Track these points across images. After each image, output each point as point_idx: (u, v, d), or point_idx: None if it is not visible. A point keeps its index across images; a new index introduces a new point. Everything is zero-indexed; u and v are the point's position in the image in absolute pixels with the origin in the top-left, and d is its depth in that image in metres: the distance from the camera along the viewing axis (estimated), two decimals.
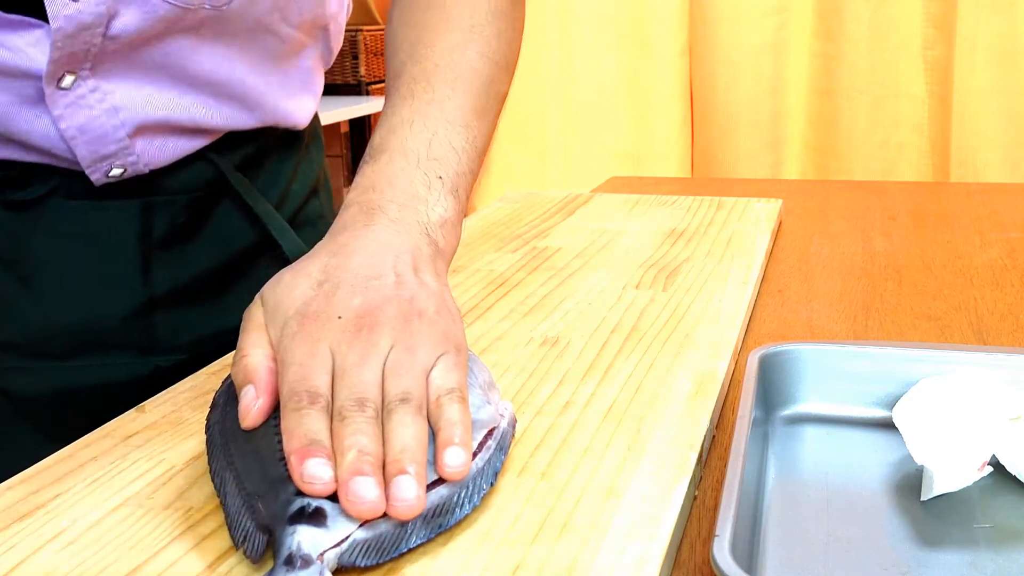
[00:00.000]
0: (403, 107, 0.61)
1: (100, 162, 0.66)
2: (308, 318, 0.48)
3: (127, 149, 0.66)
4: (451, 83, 0.62)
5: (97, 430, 0.55)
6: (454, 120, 0.61)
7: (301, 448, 0.43)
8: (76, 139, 0.64)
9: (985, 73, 2.07)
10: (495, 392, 0.52)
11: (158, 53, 0.65)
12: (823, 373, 0.57)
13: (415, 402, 0.46)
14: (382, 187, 0.56)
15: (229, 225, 0.74)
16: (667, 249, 0.89)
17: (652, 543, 0.42)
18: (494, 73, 0.65)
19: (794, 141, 2.33)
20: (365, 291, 0.49)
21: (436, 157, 0.59)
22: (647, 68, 2.37)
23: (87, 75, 0.63)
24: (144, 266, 0.70)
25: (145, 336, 0.71)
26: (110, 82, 0.64)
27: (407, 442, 0.44)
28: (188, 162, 0.71)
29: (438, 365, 0.48)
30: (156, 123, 0.67)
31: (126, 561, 0.42)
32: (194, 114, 0.69)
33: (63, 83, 0.62)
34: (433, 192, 0.57)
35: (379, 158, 0.58)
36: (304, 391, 0.45)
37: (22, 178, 0.67)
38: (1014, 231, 1.00)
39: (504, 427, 0.49)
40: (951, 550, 0.44)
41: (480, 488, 0.45)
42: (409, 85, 0.62)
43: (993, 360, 0.55)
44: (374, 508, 0.41)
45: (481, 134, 0.63)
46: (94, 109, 0.64)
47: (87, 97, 0.64)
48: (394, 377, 0.46)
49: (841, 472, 0.52)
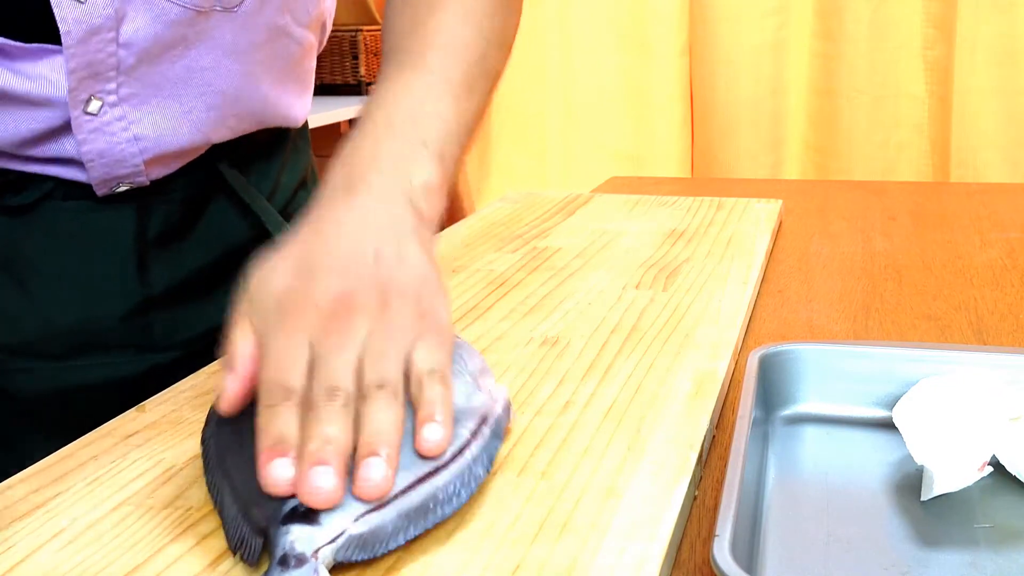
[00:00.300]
0: (392, 78, 0.60)
1: (110, 181, 0.67)
2: (287, 309, 0.47)
3: (139, 173, 0.68)
4: (441, 57, 0.62)
5: (97, 430, 0.55)
6: (443, 92, 0.60)
7: (268, 448, 0.43)
8: (94, 162, 0.66)
9: (985, 73, 2.07)
10: (488, 378, 0.51)
11: (181, 68, 0.66)
12: (823, 373, 0.57)
13: (391, 387, 0.45)
14: (364, 155, 0.55)
15: (223, 221, 0.74)
16: (667, 249, 0.89)
17: (652, 543, 0.42)
18: (486, 50, 0.65)
19: (794, 141, 2.33)
20: (343, 275, 0.48)
21: (422, 123, 0.58)
22: (647, 68, 2.37)
23: (114, 101, 0.64)
24: (140, 265, 0.70)
25: (142, 335, 0.72)
26: (138, 109, 0.66)
27: (380, 426, 0.43)
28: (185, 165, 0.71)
29: (418, 348, 0.47)
30: (172, 152, 0.69)
31: (126, 561, 0.42)
32: (209, 135, 0.70)
33: (89, 107, 0.63)
34: (418, 156, 0.56)
35: (364, 127, 0.58)
36: (278, 387, 0.44)
37: (18, 183, 0.67)
38: (1014, 231, 1.00)
39: (498, 413, 0.49)
40: (951, 550, 0.44)
41: (476, 475, 0.45)
42: (399, 57, 0.62)
43: (993, 360, 0.55)
44: (329, 498, 0.41)
45: (470, 108, 0.62)
46: (116, 136, 0.65)
47: (112, 124, 0.65)
48: (370, 363, 0.45)
49: (841, 472, 0.52)
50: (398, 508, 0.42)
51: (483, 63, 0.64)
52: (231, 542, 0.42)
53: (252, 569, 0.41)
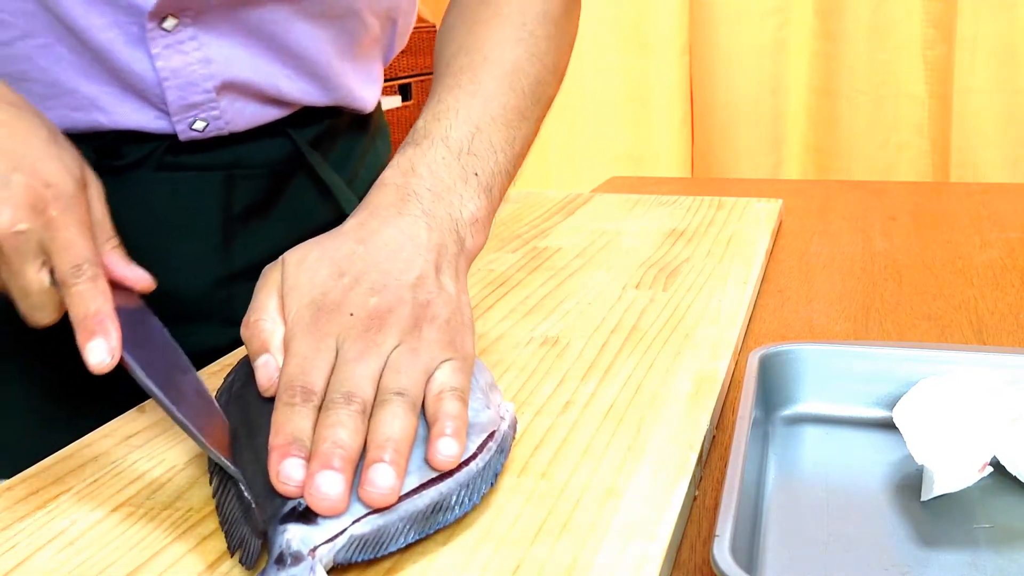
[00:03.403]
0: (448, 96, 0.61)
1: (187, 111, 0.68)
2: (322, 310, 0.49)
3: (212, 102, 0.69)
4: (498, 78, 0.62)
5: (97, 430, 0.55)
6: (497, 117, 0.61)
7: (283, 445, 0.43)
8: (169, 81, 0.67)
9: (985, 73, 2.07)
10: (496, 394, 0.52)
11: (255, 18, 0.69)
12: (823, 373, 0.57)
13: (410, 399, 0.45)
14: (421, 172, 0.56)
15: (304, 201, 0.76)
16: (667, 249, 0.89)
17: (652, 543, 0.42)
18: (542, 74, 0.66)
19: (794, 141, 2.33)
20: (383, 291, 0.50)
21: (475, 152, 0.59)
22: (647, 68, 2.37)
23: (188, 23, 0.66)
24: (225, 240, 0.72)
25: (226, 307, 0.73)
26: (208, 34, 0.67)
27: (393, 432, 0.44)
28: (266, 134, 0.73)
29: (442, 368, 0.48)
30: (241, 83, 0.70)
31: (126, 561, 0.42)
32: (277, 83, 0.72)
33: (165, 24, 0.65)
34: (469, 187, 0.57)
35: (421, 143, 0.58)
36: (300, 386, 0.45)
37: (115, 146, 0.69)
38: (1014, 231, 1.00)
39: (504, 430, 0.49)
40: (951, 550, 0.44)
41: (479, 488, 0.45)
42: (456, 75, 0.63)
43: (993, 360, 0.55)
44: (335, 505, 0.41)
45: (522, 135, 0.63)
46: (188, 55, 0.67)
47: (185, 43, 0.67)
48: (392, 374, 0.46)
49: (841, 472, 0.52)
50: (401, 512, 0.42)
51: (537, 88, 0.65)
52: (230, 542, 0.42)
53: (250, 569, 0.41)
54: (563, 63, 0.70)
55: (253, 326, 0.50)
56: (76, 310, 0.48)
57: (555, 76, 0.68)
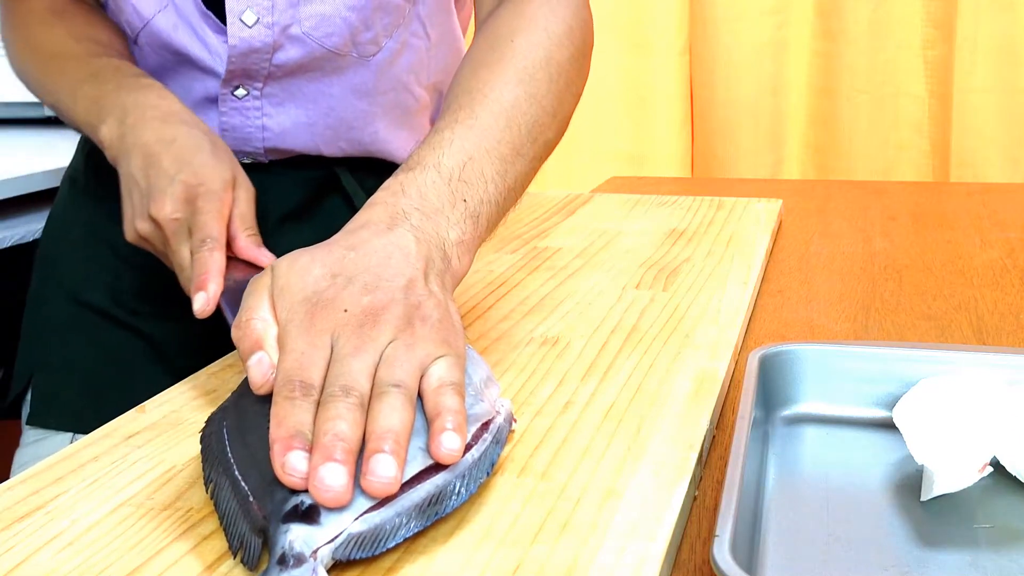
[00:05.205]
0: (445, 129, 0.63)
1: (237, 154, 0.79)
2: (316, 307, 0.49)
3: (259, 155, 0.86)
4: (495, 114, 0.64)
5: (97, 430, 0.55)
6: (491, 150, 0.62)
7: (285, 438, 0.43)
8: (227, 134, 0.83)
9: (985, 73, 2.07)
10: (494, 388, 0.53)
11: (313, 90, 0.83)
12: (823, 373, 0.57)
13: (406, 391, 0.46)
14: (411, 194, 0.58)
15: (337, 215, 0.82)
16: (667, 249, 0.89)
17: (652, 543, 0.42)
18: (540, 116, 0.67)
19: (794, 141, 2.33)
20: (376, 290, 0.50)
21: (466, 180, 0.60)
22: (647, 68, 2.37)
23: (257, 95, 0.82)
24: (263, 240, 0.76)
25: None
26: (273, 107, 0.83)
27: (392, 424, 0.44)
28: (305, 160, 0.86)
29: (436, 363, 0.48)
30: (288, 148, 0.85)
31: (126, 561, 0.42)
32: (321, 145, 0.86)
33: (237, 92, 0.82)
34: (456, 212, 0.58)
35: (414, 168, 0.60)
36: (298, 381, 0.46)
37: None
38: (1014, 231, 1.00)
39: (500, 421, 0.49)
40: (951, 550, 0.44)
41: (476, 478, 0.45)
42: (455, 112, 0.64)
43: (993, 360, 0.55)
44: (338, 497, 0.41)
45: (515, 170, 0.64)
46: (249, 120, 0.83)
47: (250, 111, 0.83)
48: (388, 367, 0.47)
49: (841, 472, 0.52)
50: (398, 506, 0.42)
51: (533, 130, 0.66)
52: (231, 542, 0.42)
53: (252, 570, 0.41)
54: (565, 109, 0.71)
55: (244, 326, 0.50)
56: (195, 270, 0.63)
57: (555, 120, 0.69)
